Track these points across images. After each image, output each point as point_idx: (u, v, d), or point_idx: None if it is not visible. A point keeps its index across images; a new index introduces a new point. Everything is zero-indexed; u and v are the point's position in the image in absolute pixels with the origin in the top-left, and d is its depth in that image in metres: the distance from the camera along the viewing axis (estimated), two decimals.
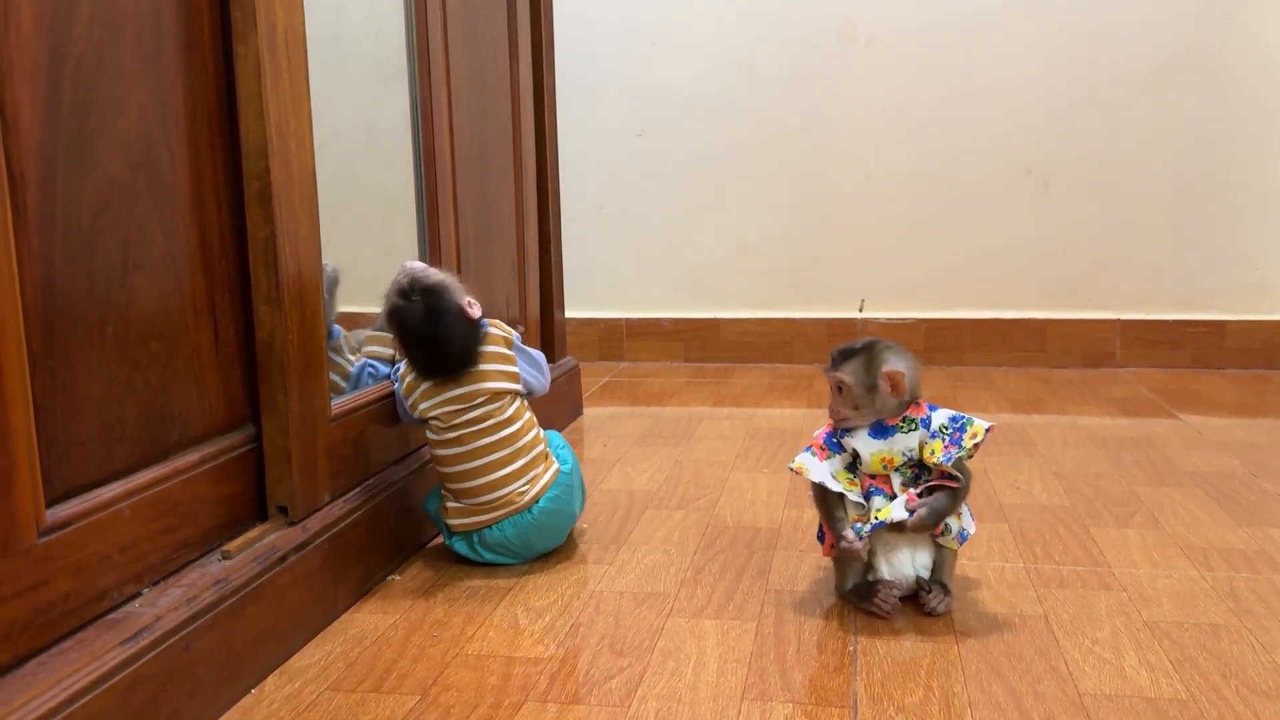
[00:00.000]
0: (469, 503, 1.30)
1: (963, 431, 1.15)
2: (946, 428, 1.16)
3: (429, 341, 1.28)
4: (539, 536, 1.32)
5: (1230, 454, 1.83)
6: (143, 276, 0.95)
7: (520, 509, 1.29)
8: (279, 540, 1.09)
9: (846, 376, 1.17)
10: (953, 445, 1.15)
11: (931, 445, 1.16)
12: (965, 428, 1.15)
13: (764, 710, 0.97)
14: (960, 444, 1.14)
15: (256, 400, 1.11)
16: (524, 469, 1.30)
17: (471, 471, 1.29)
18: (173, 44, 0.99)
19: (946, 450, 1.14)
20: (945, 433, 1.16)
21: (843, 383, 1.17)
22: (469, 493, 1.29)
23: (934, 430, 1.16)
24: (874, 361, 1.17)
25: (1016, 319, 2.69)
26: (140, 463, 0.95)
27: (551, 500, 1.31)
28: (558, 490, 1.32)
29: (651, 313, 2.85)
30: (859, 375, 1.17)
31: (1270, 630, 1.12)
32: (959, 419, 1.16)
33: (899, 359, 1.17)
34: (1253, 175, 2.57)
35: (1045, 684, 1.01)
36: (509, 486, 1.29)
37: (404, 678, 1.04)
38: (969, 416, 1.17)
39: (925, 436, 1.16)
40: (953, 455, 1.14)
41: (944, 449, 1.14)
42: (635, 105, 2.78)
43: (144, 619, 0.90)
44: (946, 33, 2.63)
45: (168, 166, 0.98)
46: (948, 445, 1.15)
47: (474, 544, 1.31)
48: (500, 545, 1.31)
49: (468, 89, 1.66)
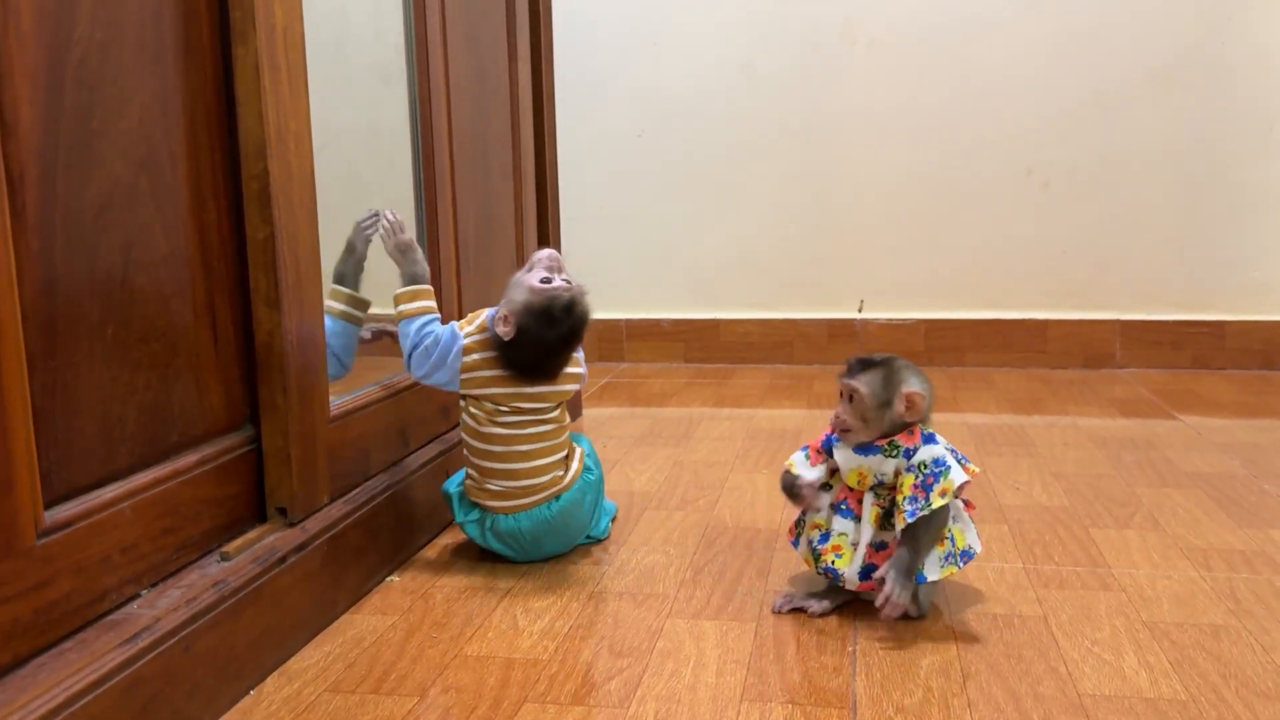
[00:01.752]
0: (507, 485, 1.30)
1: (936, 479, 1.12)
2: (925, 466, 1.13)
3: (562, 345, 1.28)
4: (551, 536, 1.32)
5: (1230, 455, 1.83)
6: (143, 277, 0.95)
7: (553, 495, 1.31)
8: (278, 541, 1.09)
9: (861, 386, 1.14)
10: (921, 490, 1.11)
11: (904, 479, 1.13)
12: (940, 478, 1.12)
13: (763, 711, 0.97)
14: (928, 496, 1.11)
15: (256, 401, 1.11)
16: (563, 460, 1.34)
17: (520, 454, 1.30)
18: (173, 45, 0.99)
19: (913, 494, 1.11)
20: (922, 471, 1.13)
21: (856, 392, 1.14)
22: (510, 474, 1.30)
23: (912, 464, 1.13)
24: (893, 378, 1.14)
25: (1017, 319, 2.69)
26: (140, 463, 0.95)
27: (571, 501, 1.32)
28: (579, 492, 1.34)
29: (651, 313, 2.85)
30: (875, 388, 1.14)
31: (1270, 631, 1.12)
32: (940, 464, 1.12)
33: (919, 381, 1.15)
34: (1253, 176, 2.57)
35: (1045, 685, 1.01)
36: (548, 475, 1.32)
37: (403, 679, 1.04)
38: (949, 465, 1.12)
39: (902, 466, 1.14)
40: (915, 511, 1.11)
41: (911, 491, 1.12)
42: (635, 106, 2.78)
43: (144, 620, 0.90)
44: (947, 33, 2.63)
45: (169, 167, 0.99)
46: (915, 488, 1.12)
47: (485, 529, 1.32)
48: (511, 536, 1.31)
49: (467, 90, 1.66)
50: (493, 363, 1.29)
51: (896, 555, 1.13)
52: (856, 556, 1.16)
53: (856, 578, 1.16)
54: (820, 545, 1.18)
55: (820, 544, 1.18)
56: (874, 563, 1.15)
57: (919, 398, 1.14)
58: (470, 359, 1.29)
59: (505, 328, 1.26)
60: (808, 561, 1.20)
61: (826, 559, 1.17)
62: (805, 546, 1.21)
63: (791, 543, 1.25)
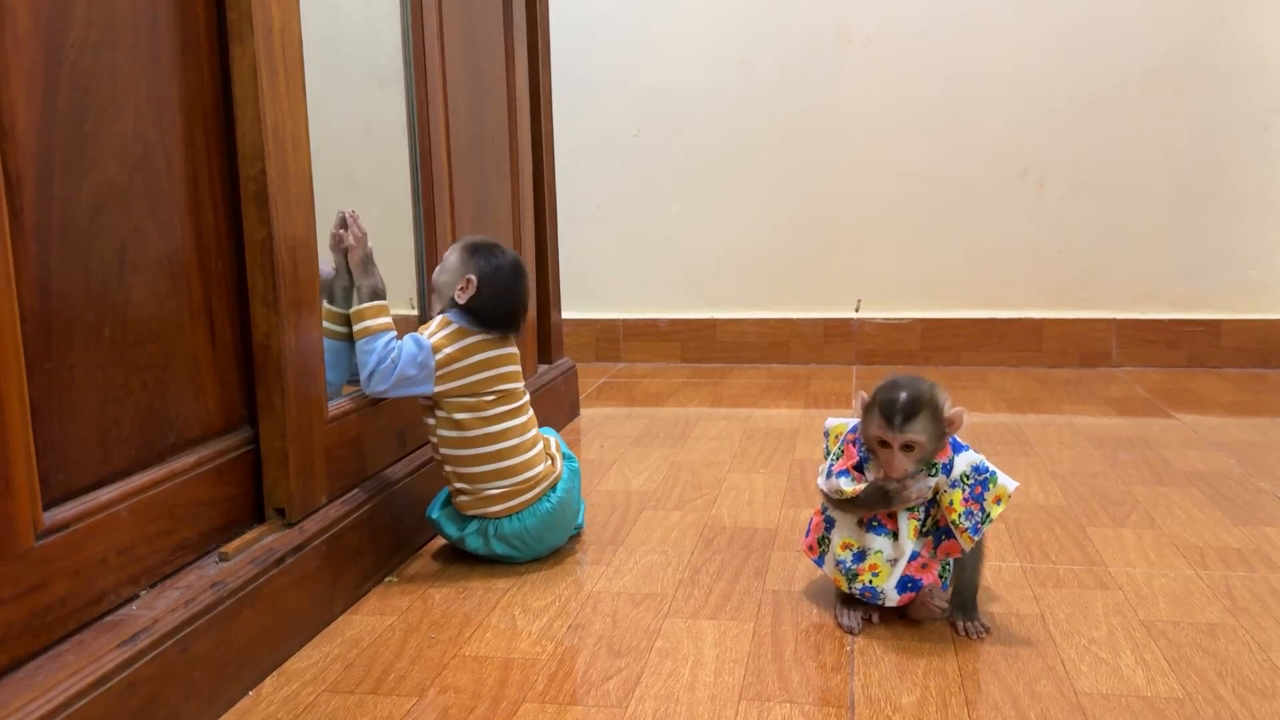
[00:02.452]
0: (507, 484, 1.30)
1: (985, 488, 1.10)
2: (969, 477, 1.10)
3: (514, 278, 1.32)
4: (551, 529, 1.33)
5: (1226, 453, 1.83)
6: (140, 279, 0.95)
7: (549, 486, 1.32)
8: (276, 542, 1.09)
9: (920, 436, 1.09)
10: (974, 504, 1.09)
11: (951, 495, 1.10)
12: (988, 485, 1.10)
13: (761, 710, 0.97)
14: (983, 507, 1.09)
15: (254, 402, 1.11)
16: (544, 448, 1.36)
17: (511, 449, 1.30)
18: (169, 46, 0.99)
19: (967, 509, 1.09)
20: (966, 483, 1.10)
21: (914, 443, 1.09)
22: (507, 472, 1.30)
23: (954, 479, 1.11)
24: (938, 411, 1.10)
25: (1013, 319, 2.69)
26: (137, 465, 0.95)
27: (565, 490, 1.34)
28: (570, 480, 1.36)
29: (648, 313, 2.85)
30: (930, 430, 1.09)
31: (1266, 629, 1.13)
32: (982, 470, 1.11)
33: (948, 397, 1.12)
34: (1248, 175, 2.57)
35: (1042, 683, 1.01)
36: (540, 465, 1.33)
37: (401, 679, 1.04)
38: (992, 469, 1.11)
39: (944, 483, 1.11)
40: (978, 525, 1.09)
41: (964, 506, 1.09)
42: (632, 106, 2.78)
43: (141, 621, 0.90)
44: (942, 32, 2.63)
45: (164, 168, 0.98)
46: (967, 501, 1.09)
47: (489, 537, 1.31)
48: (517, 536, 1.31)
49: (464, 90, 1.66)
50: (468, 349, 1.29)
51: (957, 592, 1.13)
52: (895, 572, 1.12)
53: (895, 593, 1.12)
54: (856, 565, 1.14)
55: (855, 564, 1.14)
56: (909, 574, 1.12)
57: (961, 415, 1.11)
58: (444, 354, 1.28)
59: (467, 291, 1.29)
60: (837, 581, 1.16)
61: (864, 579, 1.13)
62: (834, 567, 1.17)
63: (815, 561, 1.20)
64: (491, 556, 1.33)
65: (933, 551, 1.14)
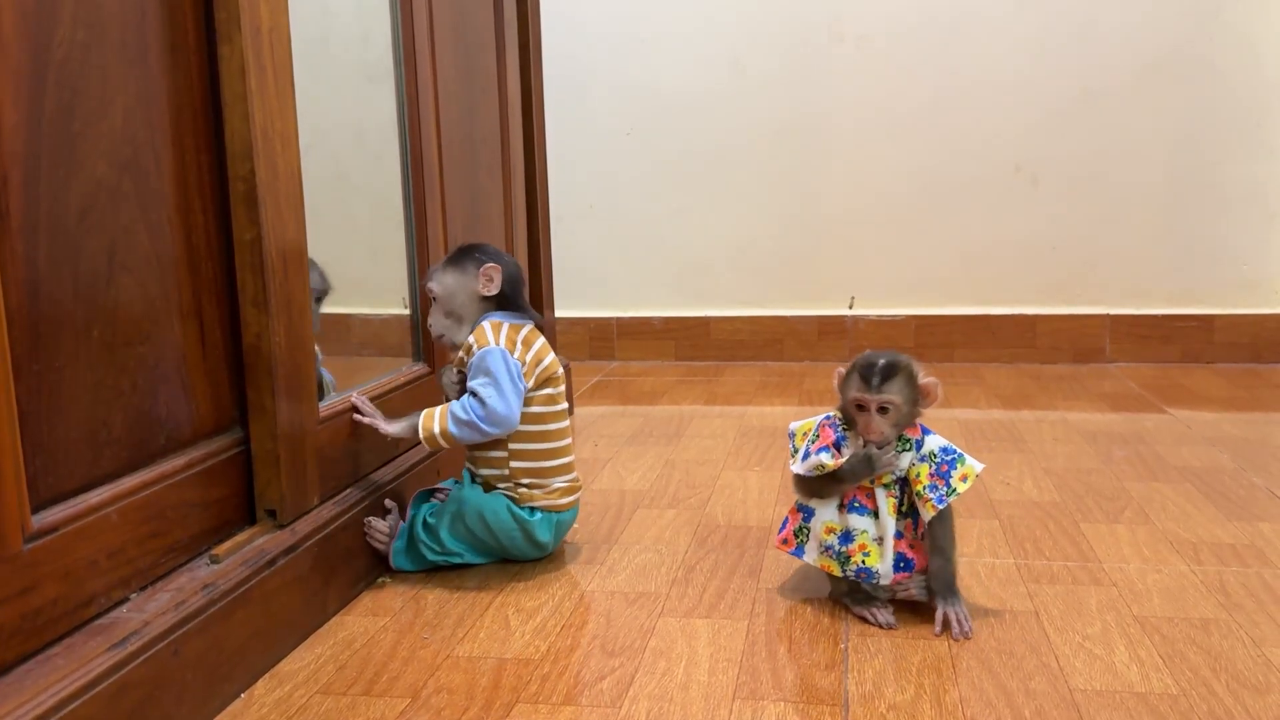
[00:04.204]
0: (569, 478, 1.33)
1: (952, 467, 1.13)
2: (935, 455, 1.14)
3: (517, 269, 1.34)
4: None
5: (1219, 449, 1.84)
6: (129, 279, 0.95)
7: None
8: (268, 544, 1.09)
9: (895, 396, 1.12)
10: (939, 479, 1.13)
11: (919, 469, 1.14)
12: (955, 464, 1.13)
13: (755, 709, 0.97)
14: (949, 483, 1.12)
15: (244, 403, 1.11)
16: None
17: (569, 447, 1.34)
18: (157, 45, 0.98)
19: (932, 483, 1.12)
20: (934, 460, 1.14)
21: (890, 403, 1.13)
22: (568, 467, 1.34)
23: (923, 454, 1.14)
24: (913, 377, 1.14)
25: (1006, 315, 2.69)
26: (127, 467, 0.95)
27: None
28: None
29: (642, 311, 2.84)
30: (906, 393, 1.13)
31: (1260, 624, 1.13)
32: (950, 451, 1.15)
33: (922, 369, 1.16)
34: (1240, 171, 2.58)
35: (1036, 680, 1.01)
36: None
37: (394, 680, 1.04)
38: (960, 452, 1.15)
39: (915, 458, 1.14)
40: (943, 496, 1.12)
41: (930, 480, 1.13)
42: (625, 104, 2.78)
43: (132, 624, 0.89)
44: (935, 30, 2.63)
45: (153, 168, 0.98)
46: (933, 476, 1.13)
47: (553, 527, 1.32)
48: (564, 525, 1.35)
49: (455, 89, 1.65)
50: (528, 339, 1.29)
51: (935, 575, 1.14)
52: (885, 551, 1.14)
53: (891, 571, 1.14)
54: (845, 547, 1.15)
55: (844, 545, 1.16)
56: (900, 551, 1.15)
57: (935, 386, 1.15)
58: (519, 351, 1.28)
59: (493, 281, 1.29)
60: (828, 568, 1.17)
61: (856, 560, 1.15)
62: (820, 554, 1.18)
63: (793, 552, 1.20)
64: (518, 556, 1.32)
65: (915, 532, 1.16)
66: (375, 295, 1.55)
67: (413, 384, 1.48)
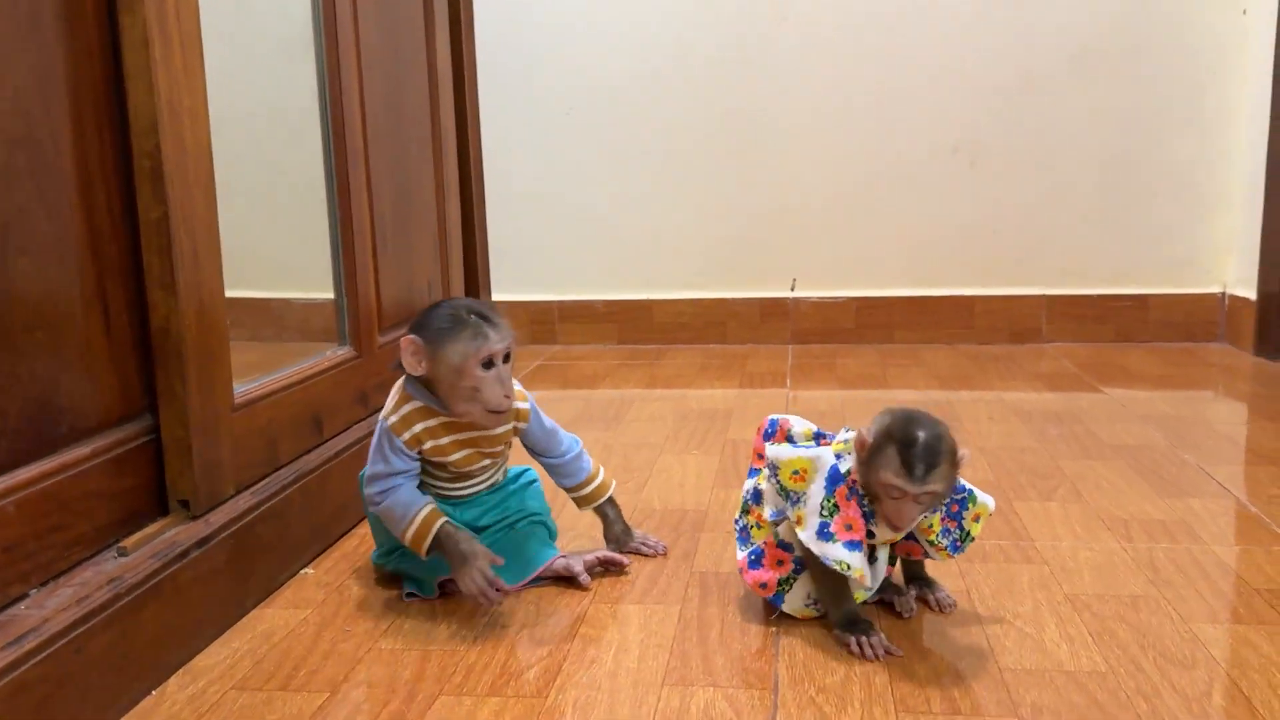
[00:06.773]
0: None
1: (963, 507, 1.06)
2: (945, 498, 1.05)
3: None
4: None
5: (1153, 426, 1.85)
6: (25, 261, 0.90)
7: None
8: (180, 535, 1.04)
9: (939, 485, 0.99)
10: (951, 520, 1.06)
11: (930, 519, 1.06)
12: (966, 504, 1.06)
13: (684, 695, 0.95)
14: (961, 524, 1.06)
15: (154, 389, 1.06)
16: None
17: None
18: (52, 14, 0.93)
19: (945, 526, 1.06)
20: (942, 504, 1.06)
21: (935, 494, 1.00)
22: None
23: None
24: (955, 455, 1.01)
25: (945, 296, 2.70)
26: (24, 457, 0.91)
27: None
28: None
29: (583, 294, 2.81)
30: (949, 479, 1.01)
31: (1187, 600, 1.13)
32: (960, 489, 1.06)
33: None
34: (1175, 152, 2.60)
35: (966, 660, 1.01)
36: None
37: (313, 674, 1.01)
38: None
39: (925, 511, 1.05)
40: (957, 543, 1.06)
41: (942, 524, 1.06)
42: (564, 83, 2.74)
43: (30, 621, 0.85)
44: (876, 13, 2.62)
45: (50, 145, 0.93)
46: (945, 519, 1.06)
47: None
48: None
49: (380, 62, 1.60)
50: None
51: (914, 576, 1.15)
52: (871, 594, 1.08)
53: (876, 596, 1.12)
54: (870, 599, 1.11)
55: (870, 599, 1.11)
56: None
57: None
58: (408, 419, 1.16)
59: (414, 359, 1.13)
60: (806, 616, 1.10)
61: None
62: (804, 605, 1.09)
63: (772, 599, 1.10)
64: None
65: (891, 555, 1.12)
66: (299, 278, 1.51)
67: (338, 368, 1.44)
